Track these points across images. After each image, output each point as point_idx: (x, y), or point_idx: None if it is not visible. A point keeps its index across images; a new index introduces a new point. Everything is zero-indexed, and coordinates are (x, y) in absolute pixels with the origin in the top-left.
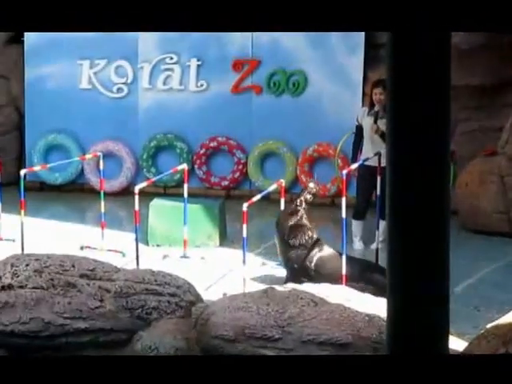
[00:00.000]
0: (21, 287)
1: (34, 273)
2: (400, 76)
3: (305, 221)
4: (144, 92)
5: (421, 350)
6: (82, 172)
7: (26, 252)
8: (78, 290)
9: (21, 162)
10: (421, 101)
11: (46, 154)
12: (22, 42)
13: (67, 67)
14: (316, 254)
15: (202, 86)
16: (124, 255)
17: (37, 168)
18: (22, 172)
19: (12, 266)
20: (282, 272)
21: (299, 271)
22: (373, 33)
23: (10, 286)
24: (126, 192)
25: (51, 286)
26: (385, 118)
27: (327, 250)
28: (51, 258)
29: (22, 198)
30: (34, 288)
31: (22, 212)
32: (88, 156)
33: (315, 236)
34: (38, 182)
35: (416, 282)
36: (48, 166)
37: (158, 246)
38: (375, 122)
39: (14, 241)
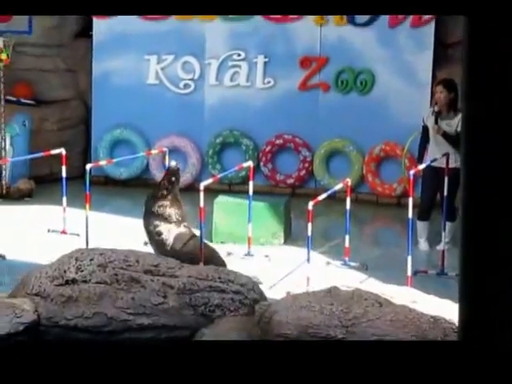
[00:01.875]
0: (84, 282)
1: (98, 267)
2: (475, 70)
3: (168, 202)
4: (211, 88)
5: (492, 352)
6: (147, 167)
7: (90, 246)
8: (141, 286)
9: (86, 156)
10: (497, 97)
11: (112, 148)
12: (91, 35)
13: (135, 62)
14: (173, 233)
15: (269, 82)
16: None
17: (102, 162)
18: (88, 166)
19: (76, 260)
20: (346, 272)
21: (158, 247)
22: (442, 31)
23: (73, 281)
24: (190, 188)
25: (115, 281)
26: (447, 118)
27: (187, 232)
28: (115, 253)
29: (87, 192)
30: (97, 283)
31: (87, 206)
32: (154, 151)
33: (178, 217)
34: (102, 176)
35: (489, 286)
36: (113, 160)
37: (222, 243)
38: (436, 122)
39: (78, 235)
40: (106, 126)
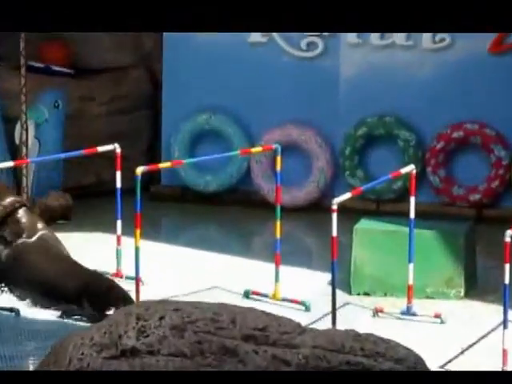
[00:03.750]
0: (151, 353)
1: (172, 331)
2: None
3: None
4: (349, 49)
5: None
6: (247, 174)
7: (156, 297)
8: (239, 361)
9: (154, 155)
10: None
11: (193, 144)
12: None
13: None
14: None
15: (442, 41)
16: (308, 308)
17: (164, 164)
18: (139, 170)
19: (138, 319)
20: None
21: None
22: None
23: (133, 351)
24: (315, 207)
25: (198, 353)
26: None
27: (37, 246)
28: (199, 309)
29: (138, 211)
30: (171, 355)
31: (138, 232)
32: (257, 149)
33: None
34: (178, 187)
35: None
36: (183, 161)
37: (366, 294)
38: None
39: (142, 282)
40: (185, 110)
